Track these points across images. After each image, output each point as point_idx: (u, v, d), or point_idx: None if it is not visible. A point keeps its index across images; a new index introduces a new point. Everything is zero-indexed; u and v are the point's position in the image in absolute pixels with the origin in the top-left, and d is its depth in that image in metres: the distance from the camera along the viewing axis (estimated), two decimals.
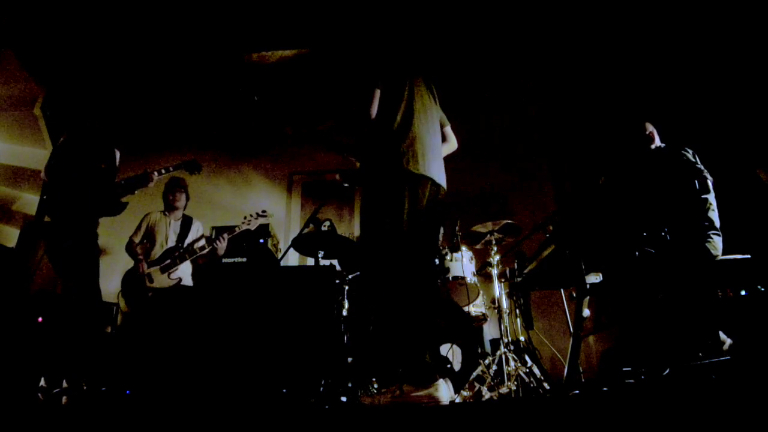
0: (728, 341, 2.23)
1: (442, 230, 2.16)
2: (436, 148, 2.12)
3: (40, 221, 2.82)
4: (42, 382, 2.71)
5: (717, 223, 2.60)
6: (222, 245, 3.74)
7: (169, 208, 3.93)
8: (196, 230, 4.00)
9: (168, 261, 3.69)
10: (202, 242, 3.77)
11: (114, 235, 4.76)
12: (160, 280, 3.64)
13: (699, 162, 2.65)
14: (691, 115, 3.79)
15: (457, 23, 4.39)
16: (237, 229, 3.81)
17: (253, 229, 3.89)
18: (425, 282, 2.02)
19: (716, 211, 2.63)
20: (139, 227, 3.88)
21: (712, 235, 2.55)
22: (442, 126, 2.34)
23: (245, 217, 3.87)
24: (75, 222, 2.83)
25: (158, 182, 3.44)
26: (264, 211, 3.94)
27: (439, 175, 2.05)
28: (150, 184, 3.31)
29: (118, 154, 3.19)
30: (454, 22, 4.38)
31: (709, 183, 2.55)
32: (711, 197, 2.62)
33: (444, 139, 2.34)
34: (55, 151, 2.92)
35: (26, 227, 4.00)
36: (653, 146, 3.00)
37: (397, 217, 1.89)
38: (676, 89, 4.10)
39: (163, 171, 3.44)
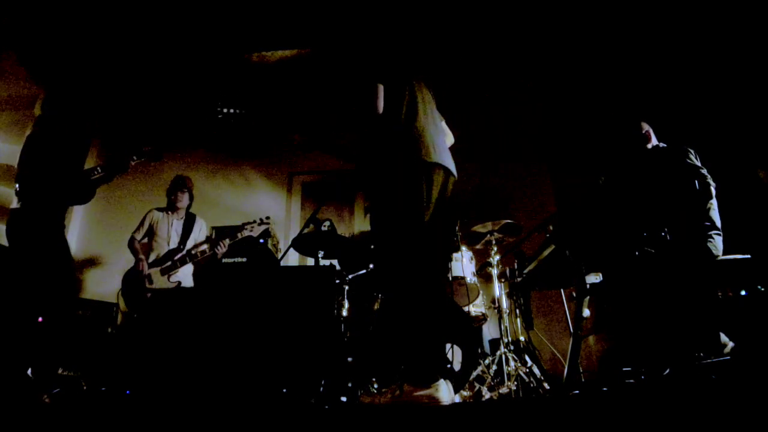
0: (730, 344, 2.24)
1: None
2: (442, 140, 2.13)
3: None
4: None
5: (718, 223, 2.61)
6: (222, 250, 3.76)
7: (172, 207, 3.93)
8: (198, 229, 4.00)
9: (169, 263, 3.69)
10: (204, 247, 3.79)
11: (115, 233, 4.78)
12: (160, 282, 3.64)
13: (701, 164, 2.66)
14: (691, 115, 3.79)
15: (457, 23, 4.39)
16: (240, 234, 3.82)
17: (255, 235, 3.91)
18: (439, 277, 2.00)
19: (717, 211, 2.63)
20: (141, 224, 3.87)
21: (713, 235, 2.56)
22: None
23: (248, 224, 3.88)
24: (45, 210, 2.82)
25: (134, 167, 3.30)
26: (267, 218, 3.95)
27: (451, 164, 2.05)
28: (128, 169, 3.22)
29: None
30: (453, 22, 4.38)
31: (712, 189, 2.56)
32: (713, 199, 2.63)
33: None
34: (27, 141, 2.93)
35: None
36: (650, 145, 3.01)
37: (415, 208, 1.87)
38: (676, 89, 4.11)
39: (134, 157, 3.27)
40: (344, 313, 3.11)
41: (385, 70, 2.13)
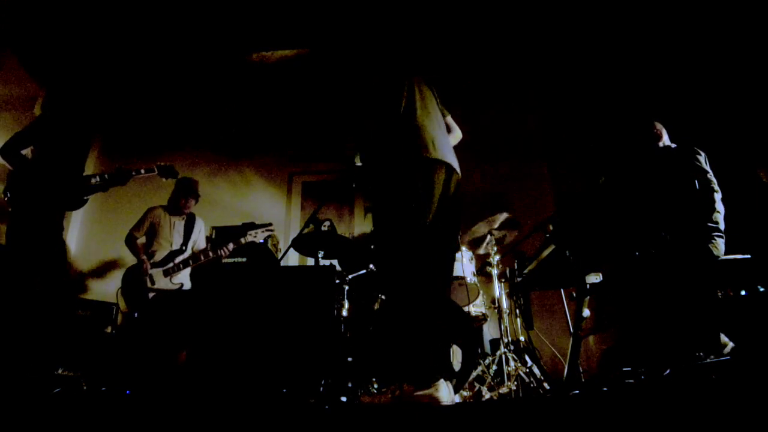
0: (730, 344, 2.23)
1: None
2: (444, 137, 2.09)
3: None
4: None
5: (722, 227, 2.60)
6: (225, 254, 3.77)
7: (177, 210, 3.91)
8: (198, 230, 4.00)
9: (171, 264, 3.69)
10: (207, 250, 3.79)
11: (115, 233, 4.78)
12: (162, 283, 3.63)
13: (710, 170, 2.65)
14: (692, 115, 3.79)
15: (458, 23, 4.39)
16: (243, 240, 3.82)
17: (258, 241, 3.90)
18: (441, 278, 1.98)
19: (723, 216, 2.62)
20: (141, 222, 3.84)
21: (715, 237, 2.55)
22: (443, 116, 2.31)
23: (252, 231, 3.88)
24: (39, 213, 2.82)
25: (134, 181, 3.44)
26: (271, 225, 3.95)
27: (454, 162, 2.00)
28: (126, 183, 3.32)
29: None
30: (454, 23, 4.38)
31: (716, 196, 2.55)
32: (719, 204, 2.62)
33: (448, 130, 2.32)
34: (18, 137, 2.92)
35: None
36: (661, 143, 2.99)
37: (415, 208, 1.84)
38: (677, 89, 4.10)
39: (142, 171, 3.42)
40: (344, 313, 3.11)
41: (381, 67, 2.12)
